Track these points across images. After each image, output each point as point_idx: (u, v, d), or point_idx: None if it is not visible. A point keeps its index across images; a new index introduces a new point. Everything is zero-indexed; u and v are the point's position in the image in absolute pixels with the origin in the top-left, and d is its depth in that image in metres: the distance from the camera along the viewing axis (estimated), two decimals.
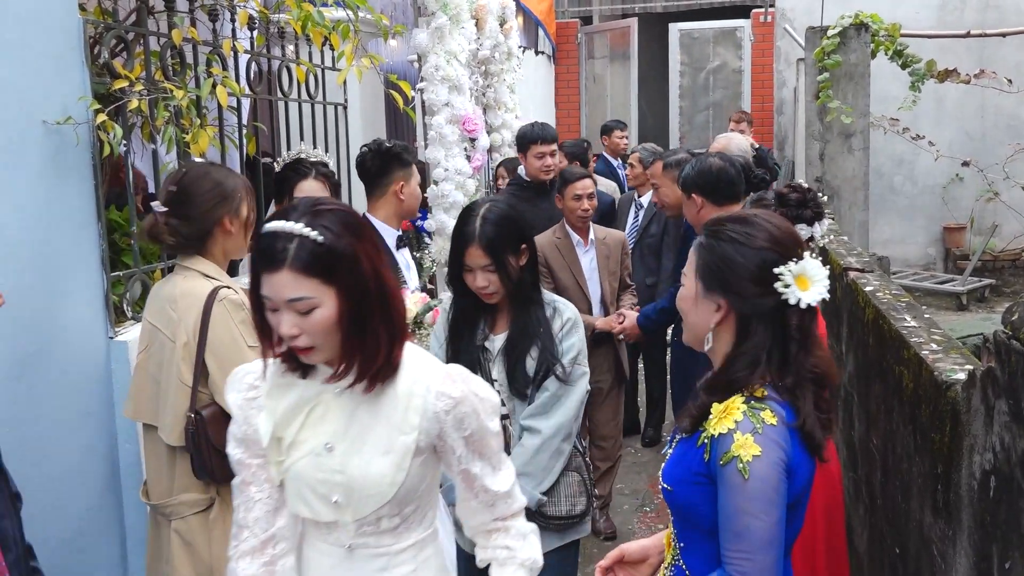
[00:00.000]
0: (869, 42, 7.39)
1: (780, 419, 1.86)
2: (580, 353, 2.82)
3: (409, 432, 1.85)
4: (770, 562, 1.82)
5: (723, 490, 1.85)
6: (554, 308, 2.84)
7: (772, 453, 1.82)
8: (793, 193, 3.00)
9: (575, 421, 2.82)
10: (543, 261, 4.32)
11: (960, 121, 10.65)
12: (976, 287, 10.08)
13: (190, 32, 3.40)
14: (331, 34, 3.62)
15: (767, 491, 1.81)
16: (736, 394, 1.90)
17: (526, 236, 2.80)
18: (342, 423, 1.85)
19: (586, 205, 4.56)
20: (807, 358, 1.92)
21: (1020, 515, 1.88)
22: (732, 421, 1.85)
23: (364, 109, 5.40)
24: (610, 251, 4.69)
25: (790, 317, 1.89)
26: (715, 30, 11.92)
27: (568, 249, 4.60)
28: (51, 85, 2.94)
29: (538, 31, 10.57)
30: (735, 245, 1.94)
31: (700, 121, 11.87)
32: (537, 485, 2.75)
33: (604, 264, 4.66)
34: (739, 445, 1.82)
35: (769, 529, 1.81)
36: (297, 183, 3.29)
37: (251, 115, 3.99)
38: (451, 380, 1.88)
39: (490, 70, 5.37)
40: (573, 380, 2.80)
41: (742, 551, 1.82)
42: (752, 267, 1.91)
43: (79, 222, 3.07)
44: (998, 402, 2.00)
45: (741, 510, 1.82)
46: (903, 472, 2.85)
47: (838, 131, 7.42)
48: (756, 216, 1.99)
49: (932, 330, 2.95)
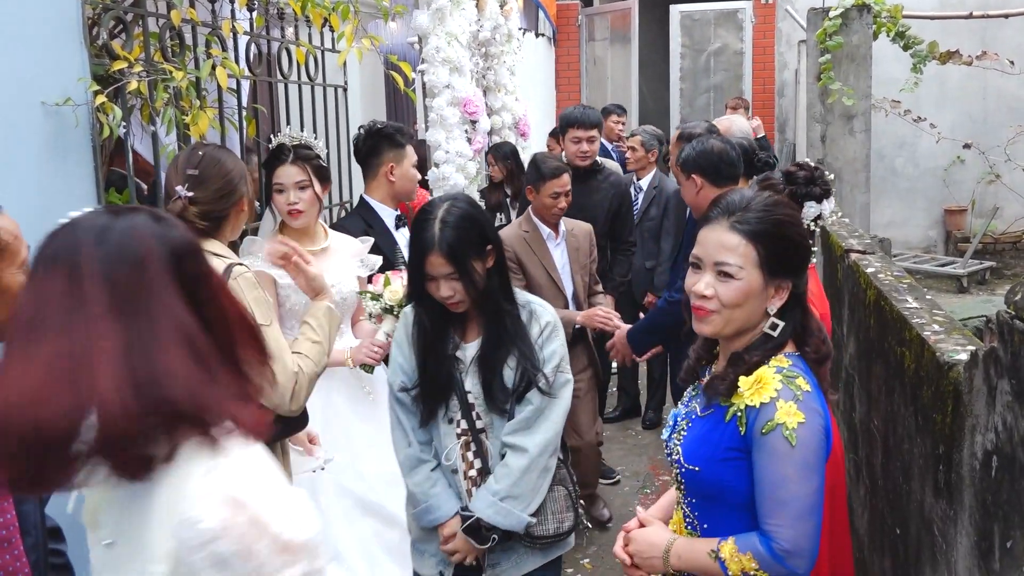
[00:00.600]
0: (871, 23, 7.35)
1: (813, 385, 1.91)
2: (563, 359, 2.63)
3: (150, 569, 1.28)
4: (813, 528, 1.85)
5: (765, 460, 1.86)
6: (531, 311, 2.63)
7: (814, 419, 1.86)
8: (801, 171, 3.00)
9: (560, 434, 2.65)
10: (512, 257, 4.13)
11: (962, 103, 10.62)
12: (977, 269, 10.07)
13: (189, 13, 3.38)
14: (331, 15, 3.61)
15: (811, 457, 1.84)
16: (761, 366, 1.93)
17: (490, 236, 2.58)
18: (114, 515, 1.38)
19: (563, 204, 4.25)
20: (809, 320, 2.01)
21: (1022, 495, 1.88)
22: (772, 390, 1.87)
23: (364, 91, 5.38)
24: (579, 243, 4.40)
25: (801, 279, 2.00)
26: (716, 12, 11.87)
27: (538, 243, 4.30)
28: (50, 66, 2.92)
29: (538, 13, 10.52)
30: (793, 228, 1.99)
31: (701, 103, 11.83)
32: (526, 507, 2.57)
33: (575, 257, 4.39)
34: (784, 413, 1.84)
35: (812, 495, 1.85)
36: (276, 168, 3.28)
37: (251, 97, 3.97)
38: (213, 497, 1.25)
39: (490, 52, 5.35)
40: (557, 390, 2.61)
41: (786, 519, 1.84)
42: (803, 238, 2.00)
43: (79, 205, 3.02)
44: (1001, 382, 2.00)
45: (787, 477, 1.84)
46: (904, 453, 2.86)
47: (839, 113, 7.40)
48: (774, 197, 2.05)
49: (934, 311, 2.95)
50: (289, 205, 3.24)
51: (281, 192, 3.26)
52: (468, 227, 2.49)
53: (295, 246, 2.70)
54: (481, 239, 2.53)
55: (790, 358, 1.94)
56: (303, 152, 3.28)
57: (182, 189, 2.51)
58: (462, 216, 2.49)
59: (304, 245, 3.27)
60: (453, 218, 2.48)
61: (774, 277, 1.95)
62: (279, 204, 3.28)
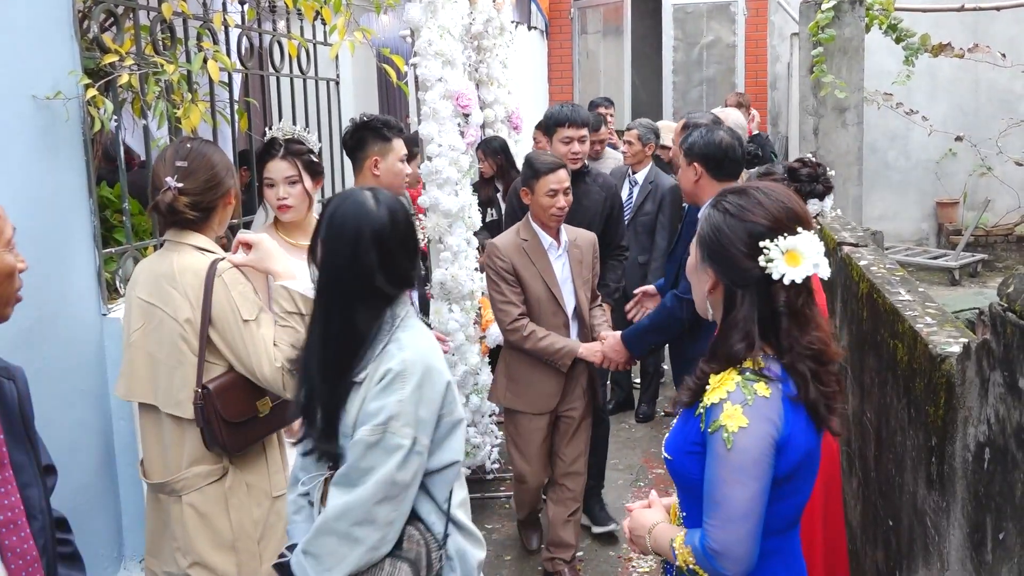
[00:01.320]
0: (863, 16, 7.35)
1: (776, 391, 1.87)
2: (394, 418, 2.07)
3: None
4: (745, 533, 1.85)
5: (709, 458, 1.89)
6: (385, 349, 2.15)
7: (759, 426, 1.84)
8: (804, 168, 2.98)
9: (385, 505, 2.08)
10: (509, 268, 3.91)
11: (953, 96, 10.63)
12: (969, 262, 10.10)
13: (180, 6, 3.37)
14: (323, 8, 3.59)
15: (748, 463, 1.83)
16: (734, 366, 1.92)
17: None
18: None
19: (562, 202, 3.89)
20: (802, 335, 1.92)
21: (1015, 486, 1.89)
22: (724, 391, 1.88)
23: (356, 84, 5.37)
24: (583, 255, 4.06)
25: (777, 293, 1.90)
26: (708, 5, 11.86)
27: (538, 253, 3.96)
28: (41, 59, 2.91)
29: (531, 6, 10.51)
30: (727, 216, 1.95)
31: (694, 96, 11.82)
32: (323, 572, 2.10)
33: (578, 271, 4.03)
34: (727, 415, 1.85)
35: (747, 501, 1.84)
36: (266, 163, 3.27)
37: (242, 90, 3.96)
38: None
39: (483, 45, 5.33)
40: (374, 454, 2.08)
41: (719, 520, 1.86)
42: (739, 239, 1.92)
43: (70, 198, 3.05)
44: (993, 374, 2.01)
45: (721, 479, 1.85)
46: (897, 445, 2.86)
47: (832, 106, 7.40)
48: (757, 189, 1.99)
49: (926, 304, 2.95)
50: (279, 200, 3.23)
51: (271, 186, 3.26)
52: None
53: (242, 238, 2.69)
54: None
55: (768, 361, 1.92)
56: (294, 147, 3.27)
57: (172, 180, 2.51)
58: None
59: (296, 239, 3.26)
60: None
61: (703, 260, 2.00)
62: (269, 198, 3.28)
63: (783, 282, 1.88)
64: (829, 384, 1.95)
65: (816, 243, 1.91)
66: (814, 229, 1.96)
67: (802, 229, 1.91)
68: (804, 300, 1.93)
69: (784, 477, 1.90)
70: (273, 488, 2.67)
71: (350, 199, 2.18)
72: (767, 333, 1.92)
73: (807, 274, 1.88)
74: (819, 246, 1.92)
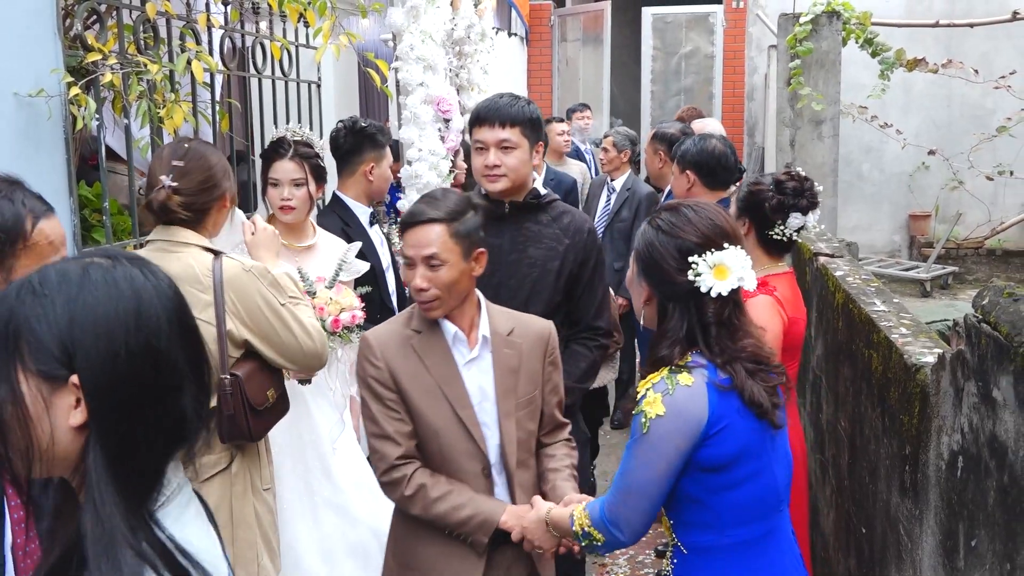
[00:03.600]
0: (840, 30, 7.45)
1: (700, 378, 1.99)
2: None
3: None
4: (639, 508, 2.03)
5: (630, 438, 2.04)
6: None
7: (674, 418, 1.97)
8: (791, 181, 3.01)
9: None
10: (388, 380, 2.38)
11: (927, 110, 10.76)
12: (939, 274, 10.21)
13: (164, 6, 3.36)
14: (307, 10, 3.59)
15: (658, 448, 1.97)
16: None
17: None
18: None
19: (423, 283, 2.36)
20: (733, 343, 2.04)
21: (987, 494, 1.92)
22: (650, 382, 2.02)
23: (338, 87, 5.36)
24: (523, 358, 2.47)
25: (706, 304, 2.02)
26: (688, 15, 11.95)
27: (438, 354, 2.42)
28: (23, 57, 2.89)
29: (511, 13, 10.53)
30: (659, 233, 2.07)
31: (672, 106, 11.89)
32: None
33: (509, 383, 2.45)
34: (648, 402, 1.99)
35: (649, 481, 2.00)
36: (273, 162, 3.26)
37: (224, 91, 3.95)
38: None
39: (464, 51, 5.34)
40: None
41: (619, 491, 2.05)
42: (669, 255, 2.04)
43: (51, 197, 2.98)
44: (967, 384, 2.04)
45: (632, 456, 2.02)
46: (871, 454, 2.89)
47: (808, 118, 7.49)
48: (688, 206, 2.12)
49: (901, 314, 2.99)
50: (283, 200, 3.21)
51: (275, 186, 3.24)
52: None
53: (253, 220, 2.72)
54: None
55: (699, 358, 2.03)
56: (303, 150, 3.27)
57: (166, 179, 2.52)
58: None
59: (290, 241, 3.25)
60: None
61: (639, 274, 2.14)
62: (272, 198, 3.26)
63: (711, 295, 1.99)
64: (770, 380, 2.06)
65: (743, 258, 2.03)
66: (742, 245, 2.07)
67: (729, 245, 2.02)
68: (731, 311, 2.05)
69: (724, 464, 2.00)
70: (263, 481, 2.68)
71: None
72: (696, 342, 2.04)
73: (733, 287, 2.00)
74: (746, 261, 2.03)
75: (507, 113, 2.96)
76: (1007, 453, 1.82)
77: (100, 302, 1.19)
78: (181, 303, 1.27)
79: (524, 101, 3.05)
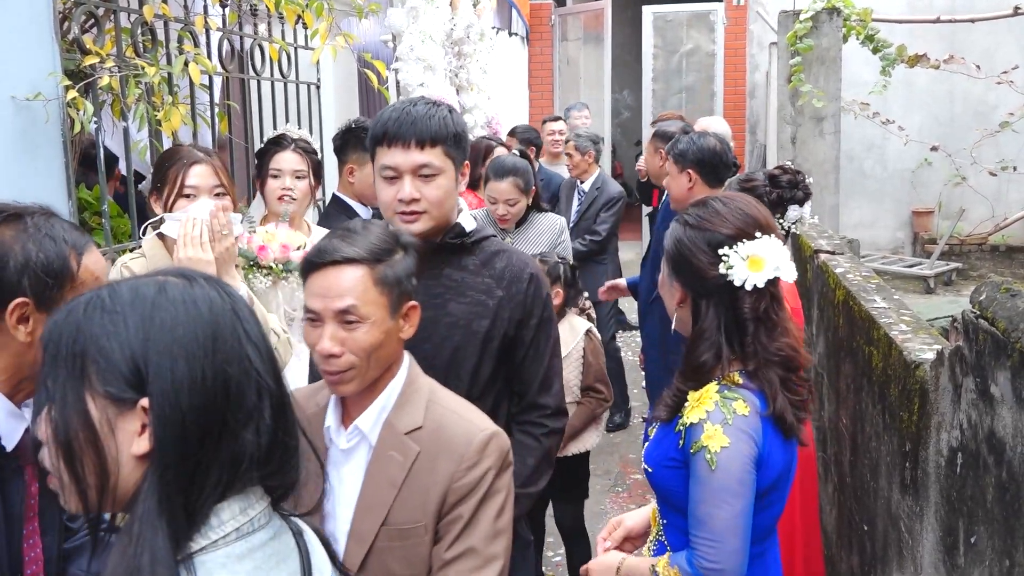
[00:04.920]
0: (841, 27, 7.44)
1: (754, 408, 1.89)
2: None
3: None
4: (732, 549, 1.86)
5: (692, 478, 1.90)
6: None
7: (740, 444, 1.85)
8: (784, 175, 3.04)
9: None
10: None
11: (929, 106, 10.74)
12: (943, 271, 10.19)
13: (161, 8, 3.36)
14: (304, 12, 3.60)
15: (731, 482, 1.85)
16: (711, 381, 1.93)
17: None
18: None
19: (328, 345, 1.76)
20: (770, 342, 1.93)
21: (986, 490, 1.92)
22: (704, 411, 1.88)
23: (337, 89, 5.36)
24: (413, 469, 1.79)
25: (742, 299, 1.92)
26: (688, 13, 11.93)
27: (319, 436, 1.85)
28: (20, 61, 2.90)
29: (512, 12, 10.53)
30: (686, 228, 1.99)
31: (673, 104, 11.87)
32: None
33: (380, 498, 1.80)
34: (708, 436, 1.86)
35: (732, 518, 1.85)
36: (275, 154, 3.26)
37: (223, 94, 3.95)
38: None
39: (463, 51, 5.35)
40: None
41: (705, 537, 1.87)
42: (699, 249, 1.94)
43: (49, 200, 2.97)
44: (966, 380, 2.04)
45: (705, 499, 1.87)
46: (872, 450, 2.89)
47: (810, 115, 7.48)
48: (716, 199, 2.03)
49: (901, 311, 2.99)
50: (284, 189, 3.19)
51: (276, 177, 3.22)
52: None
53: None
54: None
55: (744, 376, 1.93)
56: (304, 144, 3.29)
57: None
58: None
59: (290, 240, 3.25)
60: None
61: (670, 274, 2.04)
62: (272, 189, 3.23)
63: (746, 288, 1.89)
64: (798, 392, 1.97)
65: (778, 247, 1.92)
66: (776, 234, 1.97)
67: (762, 234, 1.92)
68: (768, 305, 1.94)
69: (763, 491, 1.92)
70: None
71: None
72: (733, 341, 1.94)
73: (769, 278, 1.89)
74: (782, 250, 1.93)
75: (425, 129, 2.17)
76: (1005, 449, 1.82)
77: (179, 322, 1.11)
78: (259, 328, 1.19)
79: (445, 110, 2.26)
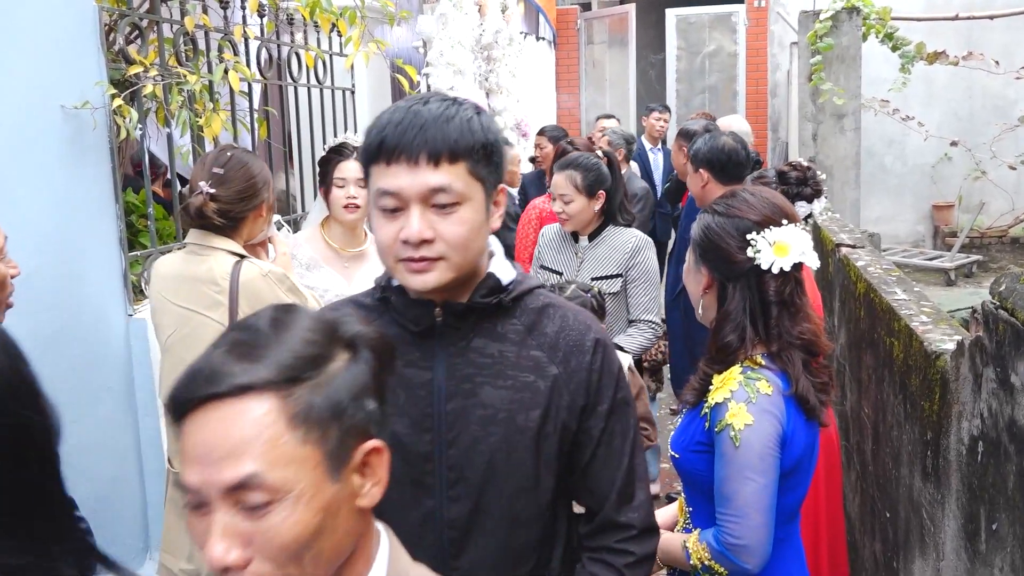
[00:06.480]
0: (860, 25, 7.45)
1: (776, 388, 1.95)
2: None
3: None
4: (756, 524, 1.91)
5: (717, 457, 1.95)
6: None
7: (764, 423, 1.91)
8: (793, 171, 3.08)
9: None
10: None
11: (949, 102, 10.72)
12: (964, 263, 10.17)
13: (202, 19, 3.47)
14: (338, 20, 3.69)
15: (755, 459, 1.90)
16: (735, 364, 2.00)
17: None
18: None
19: None
20: (792, 325, 2.00)
21: (1007, 478, 1.93)
22: (728, 391, 1.94)
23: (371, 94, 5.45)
24: None
25: (767, 282, 1.99)
26: (710, 15, 11.97)
27: None
28: (68, 71, 3.01)
29: (539, 17, 10.60)
30: (715, 216, 2.06)
31: (697, 104, 11.91)
32: None
33: None
34: (732, 414, 1.91)
35: (757, 494, 1.90)
36: (338, 163, 3.28)
37: (262, 100, 4.05)
38: None
39: (492, 55, 5.41)
40: None
41: (731, 513, 1.92)
42: (728, 235, 2.02)
43: (97, 204, 3.15)
44: (986, 370, 2.05)
45: (730, 476, 1.92)
46: (893, 440, 2.91)
47: (830, 112, 7.50)
48: (745, 191, 2.11)
49: (922, 303, 3.00)
50: (349, 199, 3.21)
51: (341, 187, 3.23)
52: None
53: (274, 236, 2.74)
54: None
55: (767, 359, 1.99)
56: None
57: (205, 185, 2.55)
58: None
59: (347, 245, 3.29)
60: None
61: (698, 261, 2.09)
62: (337, 198, 3.24)
63: (772, 271, 1.97)
64: (819, 375, 2.03)
65: (803, 235, 2.00)
66: (799, 224, 2.04)
67: (788, 223, 2.01)
68: (792, 289, 2.01)
69: (787, 472, 1.97)
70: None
71: None
72: (758, 323, 2.00)
73: (794, 262, 1.97)
74: (806, 238, 2.00)
75: (441, 136, 1.43)
76: None
77: None
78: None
79: (469, 110, 1.50)
